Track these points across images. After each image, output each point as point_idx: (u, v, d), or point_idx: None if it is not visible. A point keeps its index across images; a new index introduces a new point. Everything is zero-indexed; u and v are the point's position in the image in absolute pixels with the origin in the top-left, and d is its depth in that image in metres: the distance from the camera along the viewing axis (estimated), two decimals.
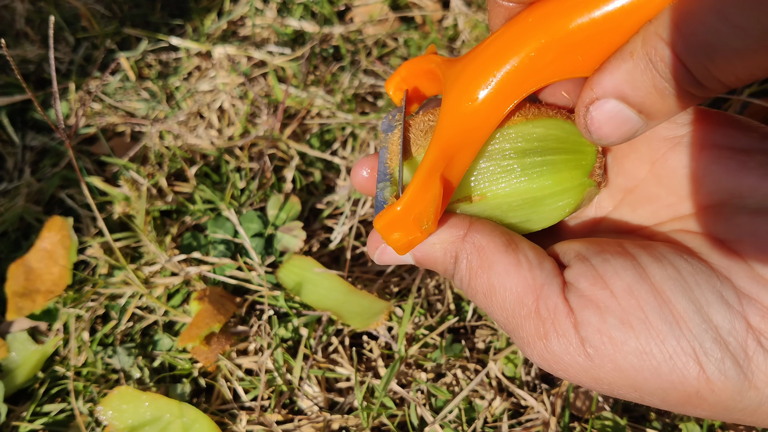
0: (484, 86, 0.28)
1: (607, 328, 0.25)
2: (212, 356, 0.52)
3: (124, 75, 0.82)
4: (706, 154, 0.28)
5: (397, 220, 0.28)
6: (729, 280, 0.25)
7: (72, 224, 0.63)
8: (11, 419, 0.53)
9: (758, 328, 0.24)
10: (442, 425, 0.48)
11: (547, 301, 0.27)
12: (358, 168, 0.34)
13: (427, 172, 0.28)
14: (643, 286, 0.25)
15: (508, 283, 0.27)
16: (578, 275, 0.27)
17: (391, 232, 0.29)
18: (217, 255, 0.60)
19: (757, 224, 0.26)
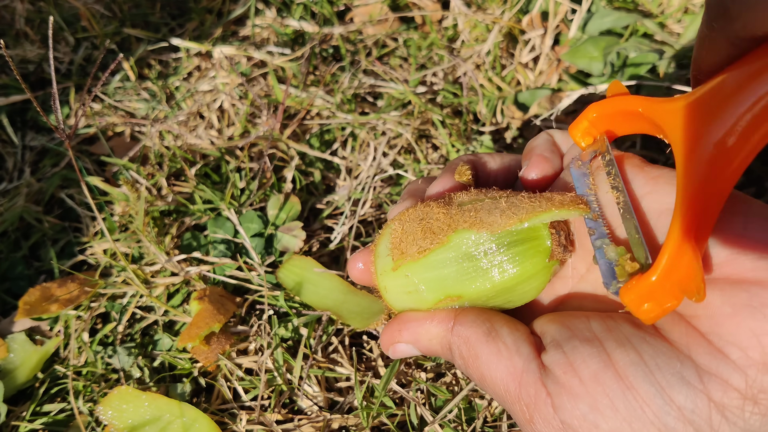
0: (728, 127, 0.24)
1: (581, 413, 0.27)
2: (212, 356, 0.52)
3: (124, 75, 0.82)
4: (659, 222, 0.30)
5: (653, 291, 0.26)
6: (689, 358, 0.26)
7: None
8: (11, 419, 0.53)
9: (721, 403, 0.25)
10: (442, 425, 0.48)
11: (528, 388, 0.29)
12: (353, 262, 0.38)
13: (681, 235, 0.25)
14: (608, 373, 0.27)
15: (493, 373, 0.30)
16: (553, 363, 0.29)
17: (641, 304, 0.27)
18: (217, 255, 0.60)
19: (708, 298, 0.26)
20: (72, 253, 0.65)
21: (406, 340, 0.35)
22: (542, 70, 0.73)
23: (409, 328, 0.34)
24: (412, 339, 0.34)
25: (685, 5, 0.74)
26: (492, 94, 0.71)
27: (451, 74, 0.75)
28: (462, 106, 0.71)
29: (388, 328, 0.36)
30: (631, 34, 0.72)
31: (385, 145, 0.69)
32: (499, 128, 0.70)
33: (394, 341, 0.35)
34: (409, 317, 0.35)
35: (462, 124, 0.69)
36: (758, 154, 0.61)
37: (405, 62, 0.78)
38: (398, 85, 0.74)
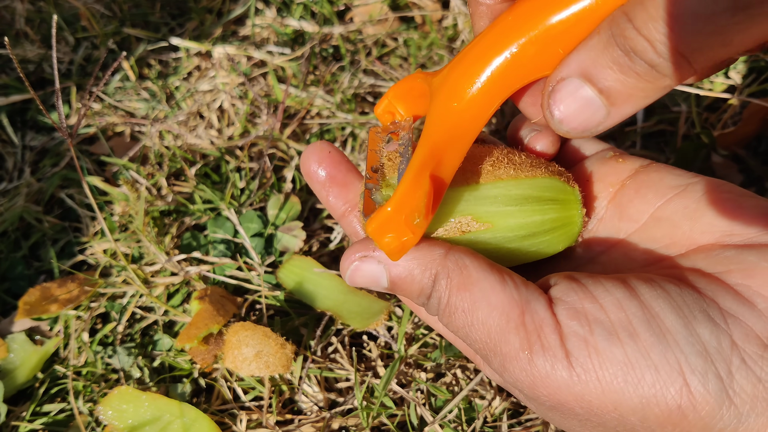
0: (470, 85, 0.28)
1: (594, 340, 0.25)
2: (210, 357, 0.52)
3: (124, 75, 0.82)
4: (707, 197, 0.30)
5: (389, 220, 0.28)
6: (714, 302, 0.26)
7: None
8: (11, 419, 0.53)
9: (742, 347, 0.24)
10: (442, 425, 0.48)
11: (534, 314, 0.27)
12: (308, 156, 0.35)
13: (417, 170, 0.28)
14: (633, 302, 0.26)
15: (492, 299, 0.27)
16: (568, 290, 0.27)
17: (383, 235, 0.28)
18: (217, 255, 0.60)
19: (744, 255, 0.27)
20: (72, 253, 0.65)
21: (381, 257, 0.30)
22: None
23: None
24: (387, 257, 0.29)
25: None
26: None
27: None
28: None
29: (362, 240, 0.31)
30: None
31: None
32: (499, 128, 0.70)
33: (363, 254, 0.30)
34: None
35: None
36: (758, 154, 0.61)
37: (405, 62, 0.78)
38: None
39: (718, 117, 0.63)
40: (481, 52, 0.28)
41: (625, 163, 0.34)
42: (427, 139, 0.29)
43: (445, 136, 0.29)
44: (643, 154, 0.64)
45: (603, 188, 0.35)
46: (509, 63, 0.27)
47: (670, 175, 0.32)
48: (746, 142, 0.62)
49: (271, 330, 0.50)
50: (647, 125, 0.64)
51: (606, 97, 0.25)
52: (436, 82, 0.30)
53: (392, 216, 0.28)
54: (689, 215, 0.30)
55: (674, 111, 0.64)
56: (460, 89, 0.28)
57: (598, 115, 0.26)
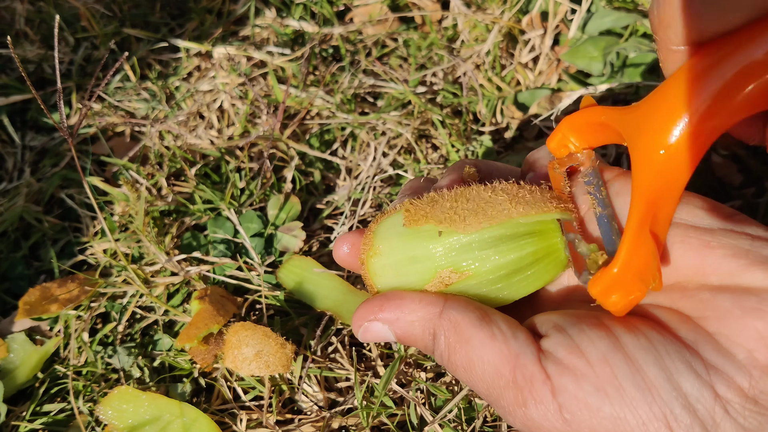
0: (676, 130, 0.26)
1: (584, 395, 0.26)
2: (209, 357, 0.52)
3: (125, 75, 0.82)
4: (673, 231, 0.30)
5: (616, 282, 0.28)
6: (697, 353, 0.26)
7: None
8: (11, 419, 0.53)
9: (725, 398, 0.25)
10: (442, 425, 0.48)
11: (524, 370, 0.28)
12: (340, 243, 0.36)
13: (638, 226, 0.27)
14: (617, 355, 0.26)
15: (485, 356, 0.28)
16: (556, 344, 0.28)
17: (609, 296, 0.28)
18: (217, 255, 0.60)
19: (718, 301, 0.27)
20: (72, 253, 0.65)
21: (385, 319, 0.32)
22: (542, 70, 0.73)
23: (392, 306, 0.32)
24: (392, 318, 0.32)
25: None
26: (492, 94, 0.71)
27: (450, 74, 0.75)
28: (462, 106, 0.71)
29: (367, 303, 0.33)
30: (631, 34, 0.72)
31: (385, 145, 0.69)
32: (498, 128, 0.70)
33: (369, 318, 0.32)
34: (394, 295, 0.32)
35: (462, 124, 0.69)
36: (758, 154, 0.61)
37: (405, 62, 0.78)
38: (398, 85, 0.74)
39: None
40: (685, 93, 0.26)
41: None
42: (639, 191, 0.28)
43: (656, 186, 0.27)
44: None
45: None
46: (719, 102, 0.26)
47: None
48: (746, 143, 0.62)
49: (271, 330, 0.50)
50: None
51: None
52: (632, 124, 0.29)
53: (618, 278, 0.28)
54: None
55: None
56: (666, 134, 0.27)
57: None
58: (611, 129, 0.32)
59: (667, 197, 0.28)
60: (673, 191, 0.28)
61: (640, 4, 0.77)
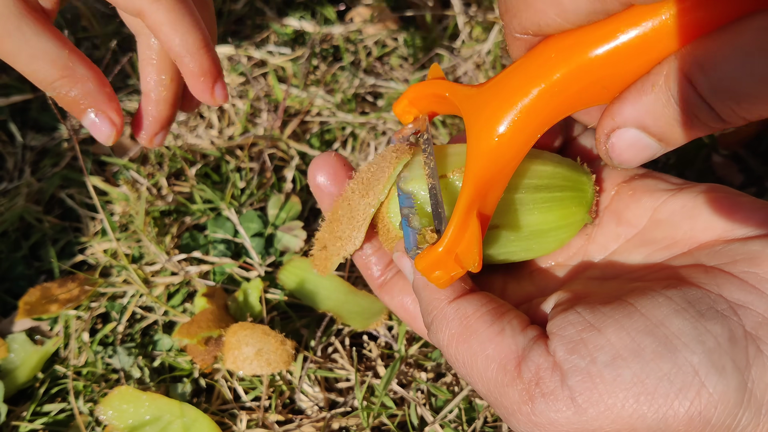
0: (507, 120, 0.28)
1: (598, 369, 0.24)
2: (210, 358, 0.52)
3: (125, 75, 0.82)
4: (704, 196, 0.30)
5: (440, 260, 0.29)
6: (720, 295, 0.25)
7: None
8: (11, 419, 0.53)
9: (756, 334, 0.24)
10: (443, 425, 0.48)
11: (529, 363, 0.26)
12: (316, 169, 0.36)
13: (465, 210, 0.29)
14: (633, 318, 0.25)
15: (490, 350, 0.27)
16: (565, 324, 0.26)
17: (432, 272, 0.29)
18: (217, 255, 0.60)
19: (748, 245, 0.27)
20: (72, 252, 0.65)
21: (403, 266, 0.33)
22: None
23: (409, 265, 0.32)
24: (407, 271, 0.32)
25: None
26: None
27: (451, 74, 0.75)
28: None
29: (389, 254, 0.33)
30: None
31: (385, 144, 0.69)
32: None
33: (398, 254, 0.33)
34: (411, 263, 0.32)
35: (462, 123, 0.69)
36: (758, 154, 0.61)
37: (405, 62, 0.78)
38: (398, 85, 0.74)
39: None
40: (519, 85, 0.28)
41: (619, 170, 0.35)
42: (470, 175, 0.29)
43: (487, 171, 0.29)
44: None
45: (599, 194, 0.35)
46: (549, 97, 0.27)
47: (665, 180, 0.33)
48: (746, 142, 0.62)
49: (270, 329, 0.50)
50: None
51: (664, 142, 0.26)
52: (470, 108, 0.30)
53: (442, 256, 0.29)
54: (688, 214, 0.30)
55: None
56: (498, 123, 0.28)
57: (655, 152, 0.27)
58: (453, 105, 0.33)
59: (497, 181, 0.30)
60: (502, 176, 0.30)
61: None
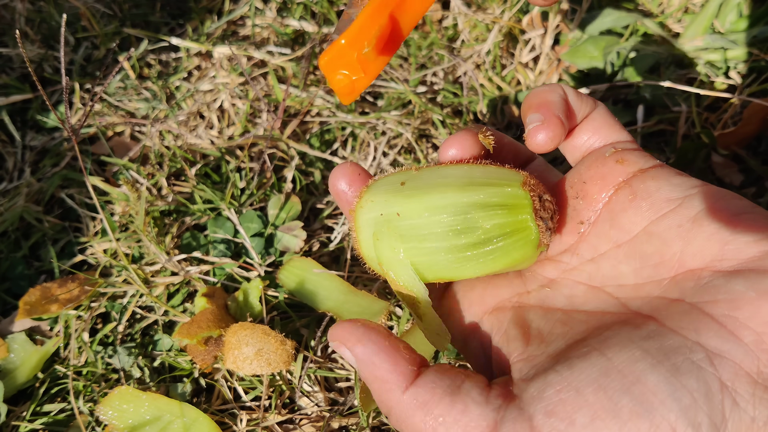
0: None
1: (576, 430, 0.24)
2: (210, 358, 0.52)
3: (125, 75, 0.82)
4: (701, 215, 0.29)
5: (342, 53, 0.27)
6: (698, 343, 0.25)
7: None
8: (11, 419, 0.53)
9: (732, 387, 0.23)
10: None
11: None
12: (337, 177, 0.34)
13: (376, 5, 0.27)
14: (610, 376, 0.25)
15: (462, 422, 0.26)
16: (546, 385, 0.26)
17: (335, 70, 0.27)
18: (217, 255, 0.60)
19: (732, 283, 0.26)
20: (72, 253, 0.65)
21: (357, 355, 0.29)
22: (542, 69, 0.73)
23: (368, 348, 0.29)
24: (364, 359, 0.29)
25: (685, 5, 0.74)
26: (492, 94, 0.71)
27: (451, 74, 0.75)
28: (462, 106, 0.71)
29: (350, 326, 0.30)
30: (631, 34, 0.72)
31: (385, 144, 0.69)
32: (499, 128, 0.70)
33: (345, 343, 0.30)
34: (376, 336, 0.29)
35: (462, 123, 0.69)
36: (758, 154, 0.61)
37: (405, 62, 0.78)
38: (398, 85, 0.74)
39: (719, 117, 0.63)
40: None
41: (623, 165, 0.33)
42: None
43: None
44: None
45: (598, 191, 0.33)
46: None
47: (668, 185, 0.31)
48: (746, 142, 0.62)
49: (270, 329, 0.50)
50: (647, 125, 0.64)
51: None
52: None
53: (345, 49, 0.27)
54: (682, 235, 0.29)
55: (674, 111, 0.64)
56: None
57: None
58: None
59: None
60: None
61: (640, 4, 0.77)
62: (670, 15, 0.74)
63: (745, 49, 0.66)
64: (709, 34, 0.68)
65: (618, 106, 0.67)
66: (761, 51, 0.65)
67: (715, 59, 0.67)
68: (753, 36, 0.66)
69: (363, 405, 0.46)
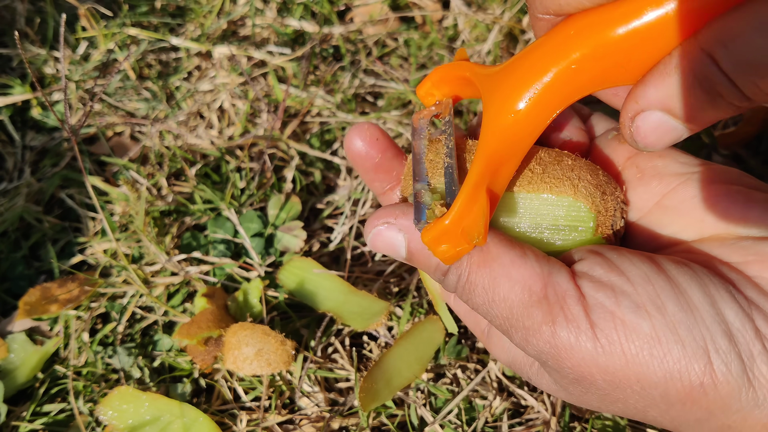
0: (525, 97, 0.28)
1: (621, 312, 0.25)
2: (209, 358, 0.52)
3: (125, 75, 0.82)
4: (716, 187, 0.29)
5: (446, 233, 0.28)
6: (739, 289, 0.26)
7: None
8: (11, 419, 0.53)
9: (764, 334, 0.25)
10: (442, 425, 0.48)
11: (556, 286, 0.27)
12: (354, 136, 0.34)
13: (474, 185, 0.28)
14: (660, 277, 0.26)
15: (513, 273, 0.27)
16: (593, 264, 0.27)
17: (438, 245, 0.29)
18: (217, 255, 0.60)
19: (761, 246, 0.27)
20: (72, 253, 0.65)
21: (403, 225, 0.30)
22: None
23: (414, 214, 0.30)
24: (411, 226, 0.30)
25: None
26: None
27: None
28: (462, 106, 0.71)
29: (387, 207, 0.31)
30: None
31: None
32: None
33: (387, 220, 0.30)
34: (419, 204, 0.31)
35: (462, 124, 0.69)
36: (758, 154, 0.61)
37: (405, 62, 0.78)
38: (398, 85, 0.74)
39: None
40: (538, 62, 0.27)
41: (626, 144, 0.34)
42: (483, 150, 0.29)
43: (500, 147, 0.29)
44: None
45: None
46: (567, 76, 0.27)
47: (675, 161, 0.32)
48: (747, 142, 0.62)
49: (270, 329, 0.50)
50: None
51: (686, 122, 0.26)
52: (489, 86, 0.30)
53: (449, 229, 0.28)
54: (698, 206, 0.30)
55: None
56: (516, 100, 0.28)
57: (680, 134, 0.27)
58: (474, 85, 0.32)
59: (510, 159, 0.29)
60: (516, 154, 0.29)
61: None
62: None
63: None
64: None
65: None
66: None
67: None
68: None
69: (363, 405, 0.46)
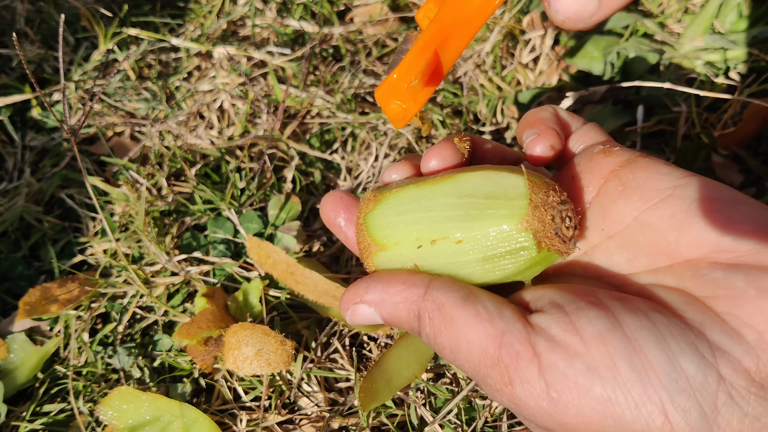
0: None
1: (573, 374, 0.25)
2: (209, 358, 0.52)
3: (125, 75, 0.82)
4: (696, 206, 0.29)
5: (393, 86, 0.32)
6: (702, 334, 0.25)
7: None
8: (11, 419, 0.53)
9: (729, 381, 0.24)
10: (442, 425, 0.48)
11: (509, 348, 0.27)
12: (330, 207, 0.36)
13: (424, 43, 0.31)
14: (615, 335, 0.25)
15: (470, 336, 0.28)
16: (550, 321, 0.27)
17: (389, 101, 0.32)
18: (217, 255, 0.60)
19: (732, 278, 0.26)
20: (72, 253, 0.65)
21: (370, 301, 0.32)
22: (542, 70, 0.73)
23: (377, 288, 0.31)
24: (377, 300, 0.31)
25: (685, 5, 0.74)
26: (492, 94, 0.71)
27: (451, 74, 0.75)
28: (462, 106, 0.71)
29: (354, 286, 0.33)
30: (631, 34, 0.72)
31: (385, 145, 0.69)
32: (499, 128, 0.70)
33: (355, 301, 0.32)
34: (379, 276, 0.32)
35: (462, 124, 0.69)
36: (758, 154, 0.61)
37: None
38: None
39: (718, 117, 0.63)
40: None
41: (610, 157, 0.33)
42: (437, 19, 0.32)
43: (454, 18, 0.31)
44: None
45: (587, 183, 0.34)
46: None
47: (658, 174, 0.31)
48: (746, 142, 0.62)
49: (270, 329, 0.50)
50: (647, 125, 0.64)
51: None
52: None
53: (396, 82, 0.31)
54: (676, 225, 0.29)
55: (674, 111, 0.64)
56: None
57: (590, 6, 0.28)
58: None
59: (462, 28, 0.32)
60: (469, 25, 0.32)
61: (640, 4, 0.77)
62: (670, 15, 0.74)
63: (745, 50, 0.66)
64: (709, 35, 0.68)
65: (618, 107, 0.67)
66: (761, 51, 0.65)
67: (714, 59, 0.67)
68: (753, 36, 0.66)
69: (363, 405, 0.46)
